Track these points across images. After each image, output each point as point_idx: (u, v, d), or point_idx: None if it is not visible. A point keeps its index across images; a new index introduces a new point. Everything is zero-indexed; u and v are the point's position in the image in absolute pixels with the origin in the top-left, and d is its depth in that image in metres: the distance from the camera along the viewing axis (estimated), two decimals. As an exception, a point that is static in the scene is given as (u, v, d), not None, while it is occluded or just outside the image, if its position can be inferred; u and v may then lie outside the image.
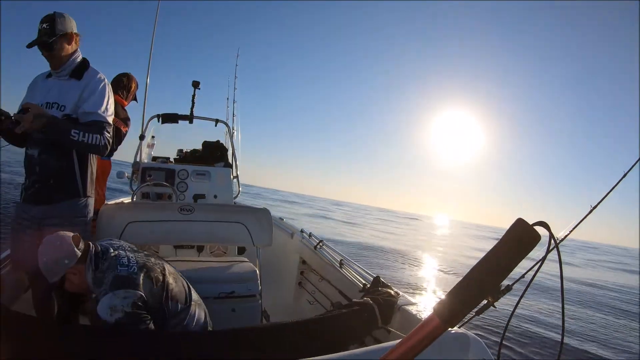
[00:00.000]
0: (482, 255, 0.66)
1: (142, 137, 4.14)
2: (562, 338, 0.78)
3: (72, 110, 2.08)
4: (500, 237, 0.66)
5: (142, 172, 3.95)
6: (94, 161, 2.25)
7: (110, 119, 2.17)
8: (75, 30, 2.13)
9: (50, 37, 2.03)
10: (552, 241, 0.68)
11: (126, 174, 4.33)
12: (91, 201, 2.23)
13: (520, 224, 0.65)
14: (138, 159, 4.03)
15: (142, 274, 1.70)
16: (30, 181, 2.11)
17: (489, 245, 0.67)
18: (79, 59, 2.17)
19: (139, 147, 4.12)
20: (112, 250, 1.77)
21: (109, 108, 2.17)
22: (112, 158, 3.31)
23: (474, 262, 0.67)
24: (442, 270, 12.86)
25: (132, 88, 3.41)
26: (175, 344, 1.46)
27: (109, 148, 2.15)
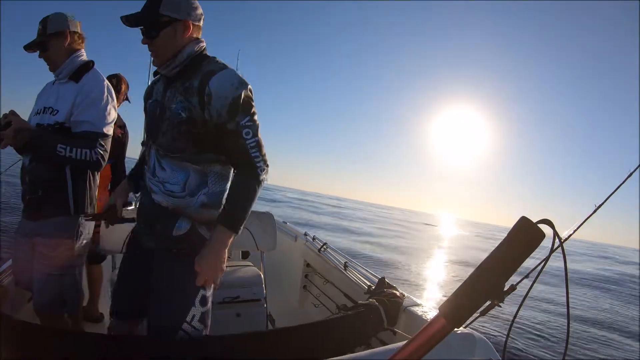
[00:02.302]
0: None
1: (144, 144, 4.14)
2: (567, 339, 0.78)
3: (66, 117, 1.89)
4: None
5: None
6: (95, 175, 2.06)
7: (107, 130, 1.96)
8: (72, 29, 1.98)
9: (41, 38, 1.93)
10: (557, 240, 0.68)
11: None
12: (86, 222, 2.00)
13: (524, 222, 0.65)
14: None
15: None
16: (22, 193, 1.95)
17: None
18: (80, 60, 2.00)
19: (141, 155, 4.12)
20: None
21: (106, 116, 1.95)
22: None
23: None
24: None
25: (122, 89, 3.28)
26: (181, 350, 1.46)
27: (103, 163, 1.95)
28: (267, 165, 1.47)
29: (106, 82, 2.01)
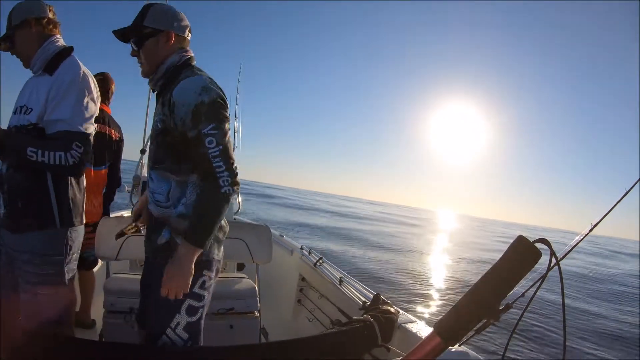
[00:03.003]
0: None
1: (143, 152, 4.17)
2: (564, 355, 0.78)
3: (38, 117, 1.63)
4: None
5: (142, 186, 3.96)
6: (79, 180, 1.78)
7: (85, 127, 1.66)
8: (40, 15, 1.72)
9: (7, 32, 1.71)
10: (553, 258, 0.68)
11: (127, 188, 4.33)
12: (75, 233, 1.75)
13: (521, 241, 0.65)
14: (138, 173, 4.05)
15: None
16: (3, 202, 1.72)
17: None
18: (54, 47, 1.73)
19: (140, 161, 4.14)
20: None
21: (82, 112, 1.66)
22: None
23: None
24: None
25: (111, 89, 3.08)
26: (173, 359, 1.44)
27: (82, 168, 1.69)
28: (233, 176, 1.40)
29: (83, 70, 1.71)
